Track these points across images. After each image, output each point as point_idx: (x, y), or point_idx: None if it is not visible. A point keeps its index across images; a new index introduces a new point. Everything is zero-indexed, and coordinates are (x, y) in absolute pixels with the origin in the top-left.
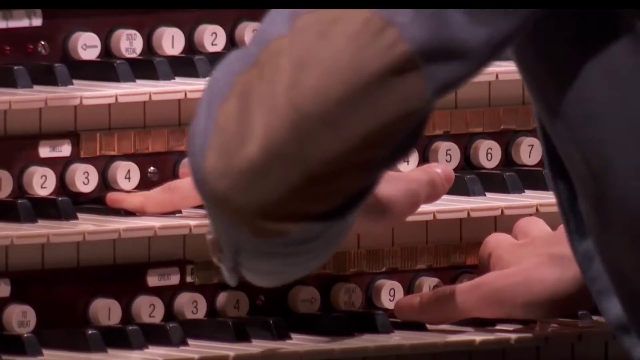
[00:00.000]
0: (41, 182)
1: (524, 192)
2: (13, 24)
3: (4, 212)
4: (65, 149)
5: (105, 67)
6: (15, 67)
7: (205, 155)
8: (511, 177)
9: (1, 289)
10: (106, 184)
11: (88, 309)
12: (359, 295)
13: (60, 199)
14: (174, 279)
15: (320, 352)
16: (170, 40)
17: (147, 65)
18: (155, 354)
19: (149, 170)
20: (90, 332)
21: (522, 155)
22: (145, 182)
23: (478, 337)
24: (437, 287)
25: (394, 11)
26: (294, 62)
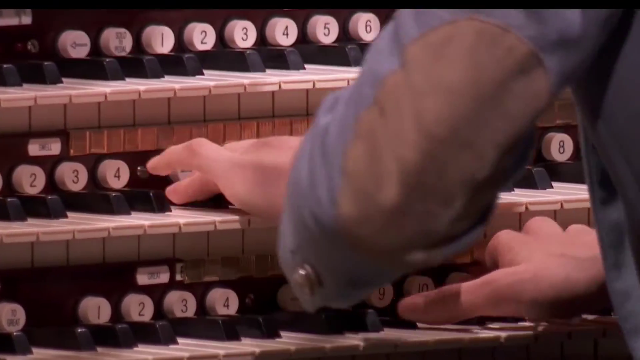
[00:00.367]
0: (31, 180)
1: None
2: (2, 22)
3: None
4: (54, 147)
5: (95, 66)
6: (5, 66)
7: (338, 203)
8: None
9: None
10: (95, 182)
11: (77, 308)
12: None
13: (49, 197)
14: (164, 278)
15: (311, 350)
16: (160, 39)
17: (136, 64)
18: (145, 352)
19: (139, 168)
20: (79, 330)
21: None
22: (134, 181)
23: (468, 335)
24: (426, 285)
25: (502, 16)
26: (415, 92)
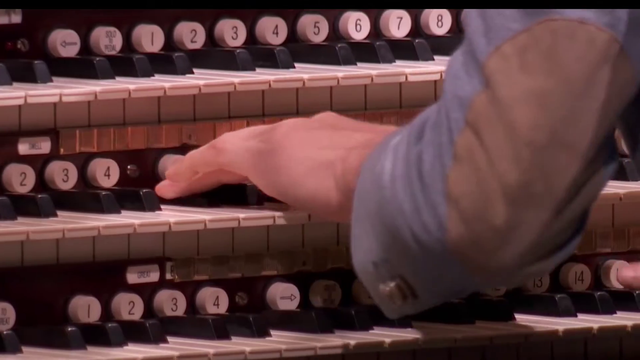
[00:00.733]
0: (20, 179)
1: None
2: None
3: None
4: (44, 146)
5: (85, 64)
6: None
7: (447, 228)
8: None
9: None
10: (85, 181)
11: (67, 306)
12: (338, 292)
13: (39, 196)
14: (154, 276)
15: (301, 349)
16: (150, 38)
17: (126, 62)
18: (135, 351)
19: (128, 167)
20: (69, 329)
21: None
22: (124, 179)
23: (458, 334)
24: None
25: (572, 12)
26: (504, 107)
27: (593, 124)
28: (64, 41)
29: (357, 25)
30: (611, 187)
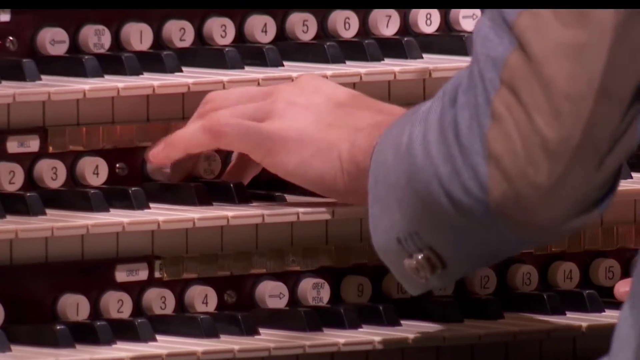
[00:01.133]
0: (9, 177)
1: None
2: None
3: None
4: (33, 144)
5: (74, 63)
6: None
7: (488, 189)
8: None
9: None
10: (74, 179)
11: (56, 305)
12: (327, 290)
13: (28, 194)
14: (142, 275)
15: (290, 347)
16: (138, 36)
17: (115, 61)
18: (124, 349)
19: (117, 165)
20: (58, 327)
21: None
22: (113, 178)
23: (447, 332)
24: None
25: None
26: (539, 62)
27: (630, 72)
28: (53, 39)
29: (345, 23)
30: None
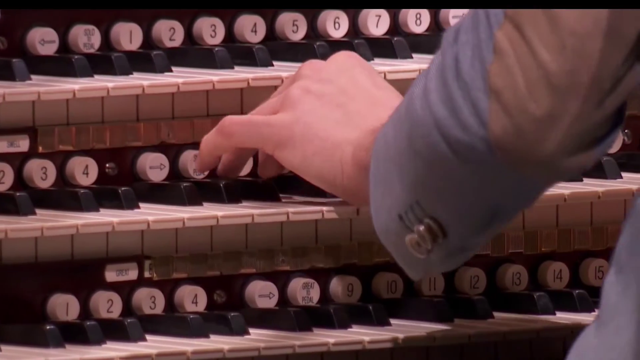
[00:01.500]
0: None
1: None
2: None
3: None
4: (23, 144)
5: (63, 62)
6: None
7: (488, 123)
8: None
9: None
10: (64, 179)
11: (46, 305)
12: (316, 290)
13: (18, 194)
14: (132, 275)
15: (279, 347)
16: (128, 36)
17: (104, 61)
18: (113, 349)
19: (107, 165)
20: (48, 327)
21: None
22: (103, 177)
23: (437, 333)
24: (395, 282)
25: None
26: None
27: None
28: (43, 39)
29: (335, 23)
30: (589, 185)
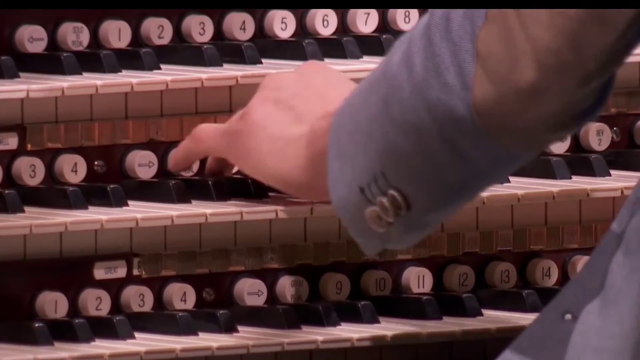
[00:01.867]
0: None
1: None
2: None
3: None
4: (11, 141)
5: (52, 60)
6: None
7: (471, 86)
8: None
9: None
10: (53, 176)
11: (34, 302)
12: (305, 288)
13: (6, 192)
14: (121, 272)
15: (268, 345)
16: (117, 33)
17: (93, 58)
18: (102, 347)
19: (96, 163)
20: (36, 325)
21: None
22: (91, 175)
23: (425, 330)
24: (383, 280)
25: None
26: None
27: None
28: (31, 37)
29: (324, 21)
30: (577, 183)
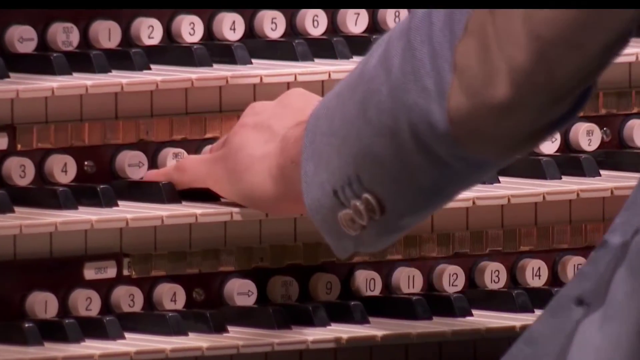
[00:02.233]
0: None
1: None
2: None
3: None
4: (1, 142)
5: (42, 60)
6: None
7: (448, 96)
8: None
9: None
10: (42, 177)
11: (24, 302)
12: (295, 288)
13: None
14: (111, 272)
15: (258, 345)
16: (107, 34)
17: (83, 58)
18: (92, 347)
19: (86, 163)
20: (26, 325)
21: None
22: (81, 175)
23: (415, 330)
24: (373, 280)
25: None
26: None
27: (608, 29)
28: (21, 37)
29: (314, 21)
30: (568, 183)
